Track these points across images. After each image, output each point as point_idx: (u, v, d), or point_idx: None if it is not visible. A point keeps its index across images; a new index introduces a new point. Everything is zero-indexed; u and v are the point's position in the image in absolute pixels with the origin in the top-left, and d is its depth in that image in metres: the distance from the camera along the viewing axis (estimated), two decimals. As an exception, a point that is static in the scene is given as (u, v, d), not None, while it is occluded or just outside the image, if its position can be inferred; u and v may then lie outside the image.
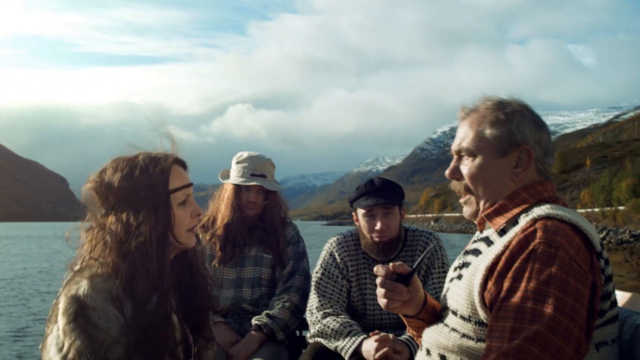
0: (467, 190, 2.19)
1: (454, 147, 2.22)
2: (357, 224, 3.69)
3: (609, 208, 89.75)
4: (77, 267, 2.14)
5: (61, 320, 1.99)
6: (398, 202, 3.55)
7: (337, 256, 3.67)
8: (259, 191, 3.95)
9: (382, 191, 3.54)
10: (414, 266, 2.25)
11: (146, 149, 2.30)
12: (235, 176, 3.97)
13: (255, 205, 3.94)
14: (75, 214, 2.29)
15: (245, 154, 4.02)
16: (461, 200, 2.25)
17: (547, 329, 1.72)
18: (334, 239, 3.76)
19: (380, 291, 2.24)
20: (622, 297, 2.49)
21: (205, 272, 2.46)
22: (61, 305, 2.01)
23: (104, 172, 2.23)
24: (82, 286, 2.02)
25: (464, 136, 2.18)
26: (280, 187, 4.09)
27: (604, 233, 68.77)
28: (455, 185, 2.25)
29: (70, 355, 1.95)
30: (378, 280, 2.24)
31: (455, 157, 2.22)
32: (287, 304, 3.74)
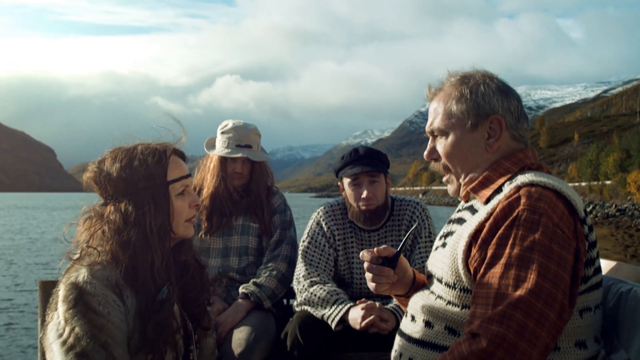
0: (446, 169, 2.21)
1: (427, 128, 2.23)
2: (343, 193, 3.69)
3: (595, 182, 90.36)
4: (76, 256, 2.16)
5: (61, 307, 2.01)
6: (383, 170, 3.55)
7: (324, 225, 3.68)
8: (244, 161, 3.92)
9: (367, 159, 3.54)
10: (399, 248, 2.29)
11: (146, 140, 2.31)
12: (220, 147, 3.93)
13: (241, 175, 3.92)
14: (62, 184, 2.28)
15: (230, 124, 3.97)
16: (444, 179, 2.26)
17: (530, 294, 1.73)
18: (321, 208, 3.77)
19: (367, 276, 2.29)
20: (606, 265, 2.52)
21: (202, 261, 2.48)
22: (61, 293, 2.04)
23: (102, 162, 2.23)
24: (82, 273, 2.04)
25: (434, 116, 2.19)
26: (267, 156, 4.06)
27: (591, 207, 69.25)
28: (434, 166, 2.26)
29: (71, 340, 1.97)
30: (365, 265, 2.28)
31: (430, 138, 2.23)
32: (274, 272, 3.74)
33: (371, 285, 2.31)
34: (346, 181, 3.60)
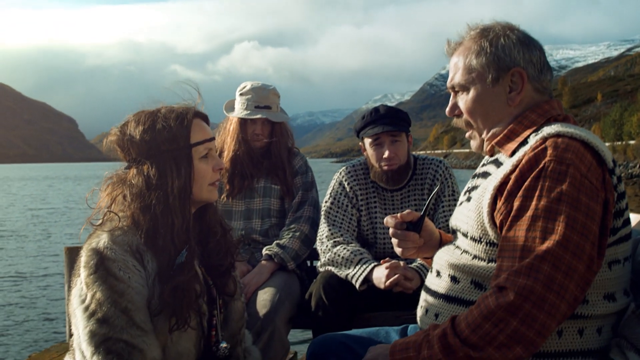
0: (468, 125, 2.17)
1: (448, 84, 2.19)
2: (365, 154, 3.67)
3: (619, 142, 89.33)
4: (98, 222, 2.16)
5: (83, 273, 2.03)
6: (405, 129, 3.52)
7: (346, 185, 3.66)
8: (264, 123, 3.89)
9: (388, 118, 3.50)
10: (422, 212, 2.29)
11: (168, 103, 2.30)
12: (239, 109, 3.90)
13: (261, 137, 3.90)
14: (84, 154, 2.28)
15: (248, 85, 3.94)
16: (466, 135, 2.22)
17: (558, 246, 1.71)
18: (343, 168, 3.75)
19: (393, 241, 2.30)
20: (635, 218, 2.48)
21: (227, 225, 2.46)
22: (82, 259, 2.05)
23: (126, 125, 2.22)
24: (103, 239, 2.05)
25: (454, 71, 2.14)
26: (286, 116, 4.03)
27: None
28: (457, 122, 2.22)
29: (93, 306, 1.98)
30: (390, 232, 2.30)
31: (452, 94, 2.19)
32: (297, 233, 3.74)
33: (398, 250, 2.32)
34: (367, 141, 3.57)
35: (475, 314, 1.77)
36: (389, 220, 2.30)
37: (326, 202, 3.67)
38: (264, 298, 3.36)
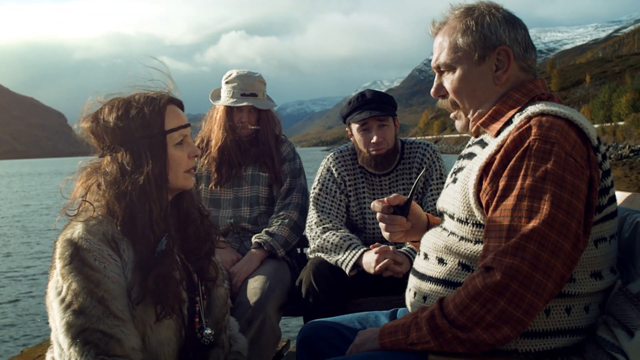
0: (454, 105, 2.16)
1: (433, 64, 2.17)
2: (352, 139, 3.66)
3: (608, 124, 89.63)
4: (73, 212, 2.14)
5: (58, 264, 2.01)
6: (392, 113, 3.51)
7: (334, 171, 3.66)
8: (250, 110, 3.87)
9: (374, 103, 3.50)
10: (409, 195, 2.28)
11: (143, 89, 2.27)
12: (225, 97, 3.88)
13: (247, 124, 3.88)
14: (74, 149, 2.27)
15: (234, 73, 3.92)
16: (451, 116, 2.22)
17: (543, 225, 1.71)
18: (331, 154, 3.74)
19: (381, 225, 2.30)
20: (621, 195, 2.49)
21: (206, 210, 2.44)
22: (57, 250, 2.03)
23: (99, 112, 2.19)
24: (77, 229, 2.03)
25: (439, 51, 2.13)
26: (273, 104, 4.01)
27: (604, 149, 68.91)
28: (442, 103, 2.21)
29: (69, 297, 1.96)
30: (377, 216, 2.30)
31: (437, 74, 2.18)
32: (286, 220, 3.74)
33: (385, 234, 2.32)
34: (354, 127, 3.56)
35: (462, 294, 1.77)
36: (376, 204, 2.30)
37: (314, 188, 3.66)
38: (254, 286, 3.36)
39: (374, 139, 3.47)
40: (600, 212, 1.88)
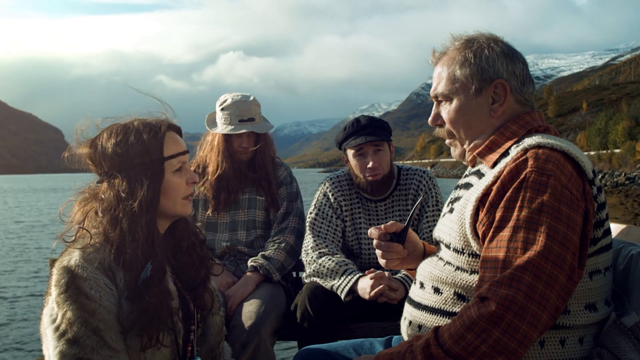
0: (450, 134, 2.18)
1: (431, 93, 2.20)
2: (347, 165, 3.68)
3: (604, 151, 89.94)
4: (71, 238, 2.13)
5: (54, 292, 1.99)
6: (387, 138, 3.54)
7: (330, 196, 3.67)
8: (249, 135, 3.87)
9: (370, 128, 3.52)
10: (406, 223, 2.29)
11: (142, 115, 2.26)
12: (223, 124, 3.87)
13: (247, 149, 3.88)
14: (69, 165, 2.26)
15: (229, 99, 3.89)
16: (447, 142, 2.24)
17: (539, 256, 1.72)
18: (327, 179, 3.76)
19: (377, 252, 2.31)
20: (616, 228, 2.50)
21: (201, 236, 2.43)
22: (54, 277, 2.02)
23: (98, 138, 2.19)
24: (74, 257, 2.01)
25: (438, 81, 2.16)
26: (270, 125, 4.01)
27: (600, 176, 68.81)
28: (439, 131, 2.24)
29: (63, 326, 1.95)
30: (374, 243, 2.31)
31: (435, 103, 2.21)
32: (282, 244, 3.74)
33: (382, 261, 2.33)
34: (350, 152, 3.58)
35: (457, 324, 1.77)
36: (372, 231, 2.31)
37: (311, 213, 3.67)
38: (250, 310, 3.35)
39: (370, 164, 3.49)
40: (595, 244, 1.89)
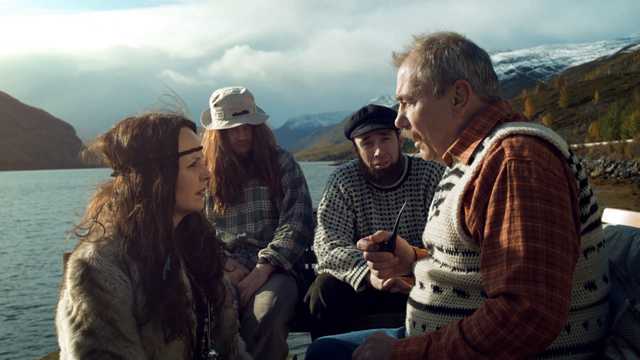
0: (416, 136, 2.19)
1: (396, 94, 2.21)
2: (356, 154, 3.68)
3: (617, 141, 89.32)
4: (85, 232, 2.16)
5: (69, 285, 2.02)
6: (394, 126, 3.53)
7: (341, 187, 3.67)
8: (245, 127, 3.87)
9: (376, 117, 3.53)
10: (393, 231, 2.30)
11: (156, 110, 2.28)
12: (217, 120, 3.87)
13: (245, 142, 3.89)
14: (79, 160, 2.28)
15: (220, 94, 3.90)
16: (416, 145, 2.26)
17: (545, 243, 1.71)
18: (337, 171, 3.77)
19: (369, 263, 2.32)
20: (627, 215, 2.50)
21: (212, 230, 2.45)
22: (69, 270, 2.04)
23: (113, 131, 2.21)
24: (88, 250, 2.04)
25: (401, 83, 2.17)
26: (265, 115, 4.01)
27: (612, 166, 68.41)
28: (406, 133, 2.25)
29: (78, 317, 1.97)
30: (364, 255, 2.32)
31: (400, 105, 2.21)
32: (290, 232, 3.76)
33: (374, 272, 2.34)
34: (358, 141, 3.59)
35: (488, 319, 1.72)
36: (361, 243, 2.32)
37: (322, 205, 3.68)
38: (262, 302, 3.36)
39: (377, 152, 3.50)
40: (585, 221, 1.89)
